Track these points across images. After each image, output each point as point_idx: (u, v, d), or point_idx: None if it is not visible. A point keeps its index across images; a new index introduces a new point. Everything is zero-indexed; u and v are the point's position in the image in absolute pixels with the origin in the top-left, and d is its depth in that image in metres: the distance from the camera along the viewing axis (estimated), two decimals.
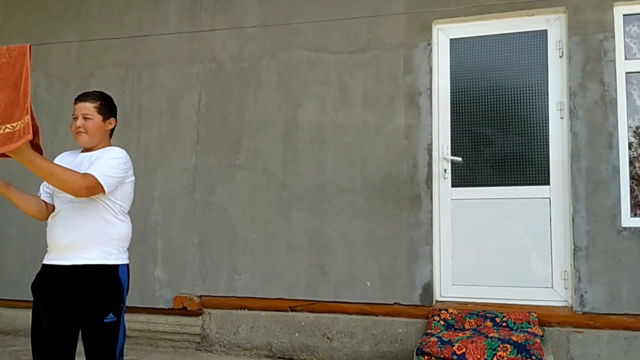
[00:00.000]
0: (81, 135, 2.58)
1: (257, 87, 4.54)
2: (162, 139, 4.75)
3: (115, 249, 2.52)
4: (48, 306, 2.43)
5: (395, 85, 4.23)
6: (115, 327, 2.47)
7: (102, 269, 2.46)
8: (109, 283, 2.48)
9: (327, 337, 4.17)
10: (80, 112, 2.59)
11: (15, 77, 2.19)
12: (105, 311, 2.44)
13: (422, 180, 4.11)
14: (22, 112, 2.08)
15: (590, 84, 3.81)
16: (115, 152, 2.62)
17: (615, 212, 3.72)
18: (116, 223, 2.56)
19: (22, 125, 2.05)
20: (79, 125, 2.57)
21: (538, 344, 3.37)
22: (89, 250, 2.45)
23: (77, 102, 2.62)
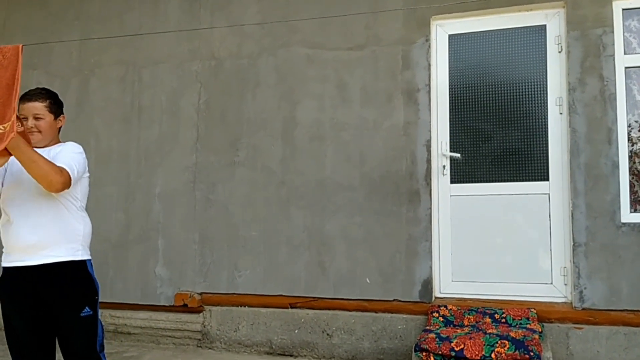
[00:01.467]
0: (34, 135, 2.50)
1: (256, 84, 4.54)
2: (162, 137, 4.77)
3: (80, 244, 2.53)
4: (20, 309, 2.43)
5: (393, 82, 4.22)
6: (92, 320, 2.50)
7: (71, 265, 2.47)
8: (81, 278, 2.51)
9: (326, 333, 4.19)
10: (30, 113, 2.51)
11: (8, 78, 2.21)
12: (81, 306, 2.46)
13: (421, 176, 4.10)
14: (12, 113, 2.10)
15: (589, 79, 3.79)
16: (76, 146, 2.60)
17: (614, 208, 3.70)
18: (79, 219, 2.55)
19: (9, 125, 2.07)
20: (32, 126, 2.51)
21: (536, 340, 3.36)
22: (56, 248, 2.44)
23: (25, 101, 2.52)
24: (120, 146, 4.87)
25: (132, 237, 4.77)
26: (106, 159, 4.90)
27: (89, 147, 4.94)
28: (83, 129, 4.98)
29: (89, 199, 4.77)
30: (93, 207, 4.85)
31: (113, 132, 4.91)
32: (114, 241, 4.81)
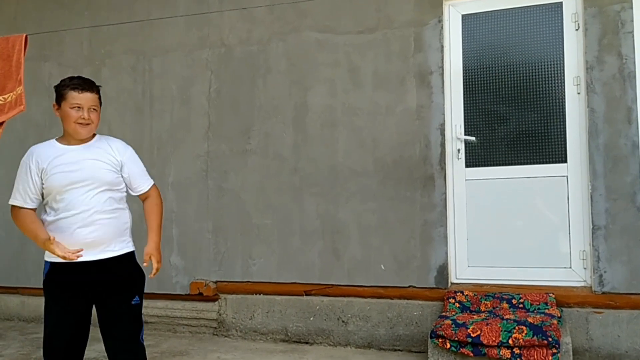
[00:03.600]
0: (88, 126, 2.49)
1: (267, 71, 4.49)
2: (174, 127, 4.75)
3: (128, 236, 2.63)
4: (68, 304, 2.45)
5: (405, 65, 4.14)
6: (140, 309, 2.58)
7: (124, 258, 2.55)
8: (133, 268, 2.60)
9: (342, 320, 4.16)
10: (87, 104, 2.47)
11: (9, 50, 2.19)
12: (132, 295, 2.54)
13: (435, 161, 4.03)
14: (15, 84, 2.08)
15: (607, 57, 3.68)
16: (128, 147, 2.71)
17: (635, 189, 3.60)
18: (126, 210, 2.63)
19: (13, 96, 2.05)
20: (87, 117, 2.47)
21: (555, 325, 3.30)
22: (112, 243, 2.51)
23: (81, 91, 2.46)
24: (133, 136, 4.85)
25: (146, 227, 4.76)
26: None
27: None
28: None
29: None
30: None
31: (125, 122, 4.90)
32: None
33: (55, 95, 2.51)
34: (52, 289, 2.47)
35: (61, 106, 2.47)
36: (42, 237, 2.38)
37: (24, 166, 2.49)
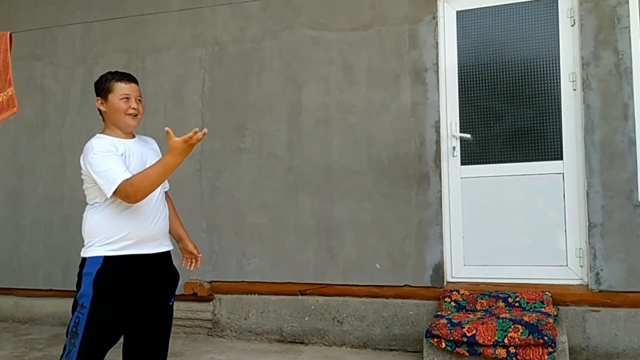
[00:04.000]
0: (137, 118, 2.47)
1: (261, 69, 4.46)
2: (168, 125, 4.63)
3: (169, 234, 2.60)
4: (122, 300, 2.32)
5: (400, 62, 4.10)
6: (173, 310, 2.55)
7: (169, 255, 2.54)
8: (173, 267, 2.56)
9: (337, 320, 4.13)
10: (134, 94, 2.45)
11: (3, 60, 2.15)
12: (171, 294, 2.52)
13: (430, 158, 4.00)
14: (4, 85, 2.04)
15: (603, 52, 3.64)
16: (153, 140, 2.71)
17: (632, 186, 3.56)
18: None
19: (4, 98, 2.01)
20: (135, 107, 2.44)
21: (551, 324, 3.27)
22: (165, 237, 2.51)
23: (128, 81, 2.45)
24: None
25: None
26: None
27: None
28: (89, 119, 4.92)
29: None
30: None
31: None
32: None
33: (97, 90, 2.47)
34: (106, 284, 2.29)
35: (108, 99, 2.41)
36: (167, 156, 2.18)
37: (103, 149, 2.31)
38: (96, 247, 2.32)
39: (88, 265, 2.31)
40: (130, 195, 2.22)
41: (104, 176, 2.25)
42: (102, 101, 2.45)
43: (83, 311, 2.25)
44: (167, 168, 2.21)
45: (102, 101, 2.45)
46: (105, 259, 2.31)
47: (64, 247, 4.95)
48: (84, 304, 2.26)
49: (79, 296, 2.28)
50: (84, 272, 2.30)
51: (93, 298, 2.25)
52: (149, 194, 2.27)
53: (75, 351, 2.23)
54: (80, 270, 2.34)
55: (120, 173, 2.23)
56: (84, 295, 2.27)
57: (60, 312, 4.91)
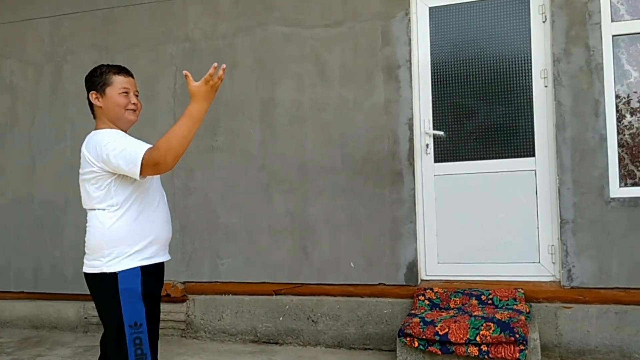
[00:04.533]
0: (136, 113, 2.34)
1: (233, 66, 4.39)
2: (139, 124, 4.47)
3: None
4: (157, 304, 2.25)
5: (373, 59, 4.06)
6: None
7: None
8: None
9: (312, 320, 4.09)
10: (133, 88, 2.32)
11: None
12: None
13: (404, 156, 3.97)
14: None
15: (574, 49, 3.63)
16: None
17: (603, 183, 3.57)
18: None
19: None
20: (136, 102, 2.31)
21: (522, 321, 3.26)
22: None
23: (126, 75, 2.31)
24: None
25: None
26: None
27: (65, 135, 4.83)
28: (58, 117, 4.85)
29: (67, 188, 4.70)
30: (71, 197, 4.76)
31: (89, 119, 4.65)
32: None
33: (91, 84, 2.29)
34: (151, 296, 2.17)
35: (106, 93, 2.25)
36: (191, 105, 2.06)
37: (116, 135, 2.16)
38: (125, 258, 2.13)
39: (124, 281, 2.10)
40: (160, 161, 2.00)
41: (124, 155, 2.05)
42: (97, 95, 2.27)
43: (142, 329, 2.10)
44: (193, 119, 2.04)
45: (98, 95, 2.27)
46: (142, 269, 2.14)
47: (34, 248, 4.86)
48: (137, 322, 2.09)
49: (130, 317, 2.08)
50: (121, 289, 2.09)
51: (146, 314, 2.12)
52: (180, 156, 2.04)
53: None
54: (109, 287, 2.10)
55: (141, 145, 2.07)
56: (136, 314, 2.09)
57: (31, 314, 4.83)
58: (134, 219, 2.17)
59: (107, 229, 2.14)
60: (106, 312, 2.16)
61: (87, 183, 2.20)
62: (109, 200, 2.17)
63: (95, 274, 2.15)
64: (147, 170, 2.05)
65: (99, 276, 2.14)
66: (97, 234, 2.16)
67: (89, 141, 2.22)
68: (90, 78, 2.31)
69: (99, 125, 2.31)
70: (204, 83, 2.01)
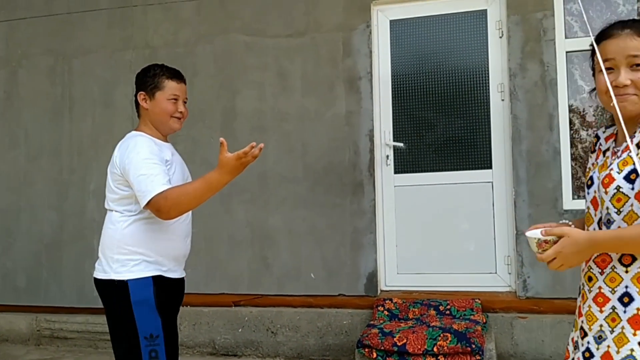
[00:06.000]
0: (181, 122, 2.27)
1: (193, 74, 4.33)
2: (96, 131, 4.52)
3: None
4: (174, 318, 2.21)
5: (334, 70, 4.08)
6: None
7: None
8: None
9: (271, 331, 4.05)
10: (183, 96, 2.25)
11: None
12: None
13: (365, 167, 3.98)
14: None
15: (530, 64, 3.72)
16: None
17: (556, 195, 3.65)
18: None
19: None
20: (183, 111, 2.25)
21: (479, 331, 3.30)
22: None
23: (179, 81, 2.24)
24: (52, 141, 4.61)
25: (66, 237, 4.54)
26: (37, 154, 4.63)
27: (18, 142, 4.69)
28: (12, 124, 4.71)
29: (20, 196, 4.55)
30: (24, 206, 4.62)
31: (43, 126, 4.64)
32: (47, 241, 4.56)
33: (141, 83, 2.22)
34: (166, 306, 2.11)
35: (155, 97, 2.19)
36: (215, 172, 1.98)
37: (147, 151, 2.05)
38: (135, 266, 2.05)
39: (136, 292, 2.02)
40: (163, 210, 1.96)
41: (141, 181, 1.98)
42: (146, 97, 2.21)
43: (158, 341, 2.02)
44: (210, 187, 2.00)
45: (146, 97, 2.20)
46: (154, 279, 2.06)
47: None
48: (153, 334, 2.01)
49: (145, 329, 2.01)
50: (134, 301, 2.01)
51: (163, 325, 2.04)
52: (182, 214, 2.04)
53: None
54: (121, 297, 2.02)
55: (159, 183, 1.97)
56: (151, 325, 2.02)
57: None
58: (150, 228, 2.09)
59: (120, 232, 2.08)
60: (119, 324, 2.07)
61: (112, 181, 2.13)
62: (129, 205, 2.10)
63: (105, 280, 2.07)
64: (150, 208, 2.00)
65: (108, 283, 2.06)
66: (109, 237, 2.10)
67: (125, 142, 2.15)
68: (142, 77, 2.24)
69: (140, 127, 2.24)
70: (236, 158, 1.96)
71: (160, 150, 2.13)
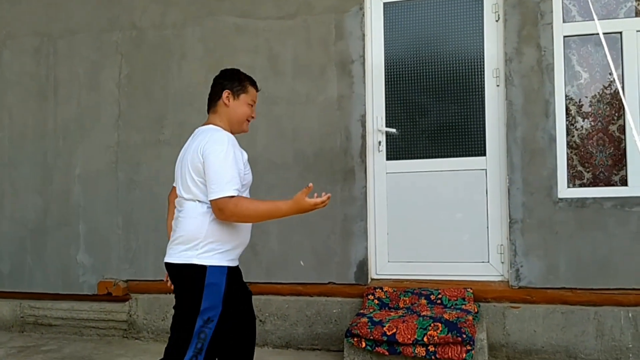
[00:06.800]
0: (248, 125, 2.54)
1: (182, 56, 4.23)
2: (82, 114, 4.41)
3: None
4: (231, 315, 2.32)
5: (326, 53, 3.97)
6: None
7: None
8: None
9: (259, 319, 3.97)
10: (255, 102, 2.54)
11: None
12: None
13: (356, 153, 3.89)
14: None
15: (526, 48, 3.63)
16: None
17: (551, 183, 3.57)
18: None
19: None
20: (254, 116, 2.54)
21: (470, 321, 3.23)
22: None
23: (257, 89, 2.54)
24: (36, 124, 4.50)
25: (50, 222, 4.44)
26: (21, 137, 4.53)
27: (2, 124, 4.59)
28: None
29: (3, 180, 4.44)
30: (8, 190, 4.51)
31: (28, 108, 4.52)
32: (31, 227, 4.46)
33: (229, 83, 2.46)
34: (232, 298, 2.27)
35: (239, 98, 2.44)
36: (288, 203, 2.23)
37: (231, 152, 2.25)
38: (215, 255, 2.24)
39: (212, 275, 2.21)
40: (226, 213, 2.17)
41: (219, 177, 2.18)
42: (230, 96, 2.43)
43: (210, 325, 2.19)
44: (277, 213, 2.28)
45: (231, 96, 2.43)
46: (228, 270, 2.25)
47: None
48: (210, 318, 2.19)
49: (205, 309, 2.18)
50: (207, 283, 2.19)
51: (222, 314, 2.21)
52: (241, 222, 2.28)
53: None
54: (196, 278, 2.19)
55: (233, 188, 2.19)
56: (212, 309, 2.19)
57: None
58: (228, 223, 2.27)
59: (208, 224, 2.24)
60: (186, 301, 2.27)
61: (194, 172, 2.27)
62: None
63: (184, 264, 2.23)
64: (215, 204, 2.19)
65: (187, 267, 2.23)
66: (196, 226, 2.25)
67: (208, 133, 2.33)
68: (230, 78, 2.48)
69: (216, 122, 2.43)
70: (313, 204, 2.22)
71: (241, 154, 2.35)
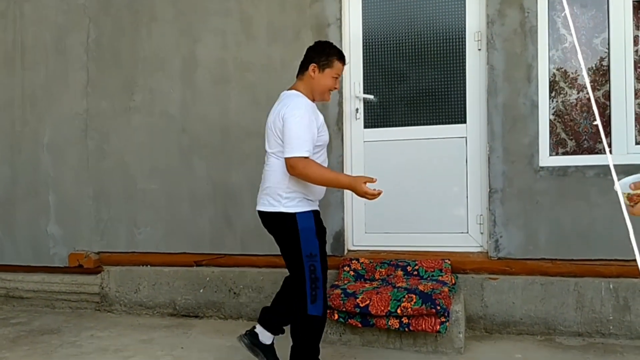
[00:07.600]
0: (330, 95, 2.76)
1: (151, 19, 4.05)
2: (49, 81, 4.24)
3: None
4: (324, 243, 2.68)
5: (301, 16, 3.80)
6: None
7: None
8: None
9: (233, 292, 3.88)
10: (341, 74, 2.73)
11: None
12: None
13: (332, 121, 3.74)
14: None
15: (509, 10, 3.46)
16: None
17: (532, 151, 3.44)
18: None
19: None
20: (337, 87, 2.73)
21: (445, 293, 3.13)
22: None
23: (344, 63, 2.70)
24: (3, 91, 4.34)
25: (19, 193, 4.31)
26: None
27: None
28: None
29: None
30: None
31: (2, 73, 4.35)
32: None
33: (315, 57, 2.64)
34: (321, 234, 2.62)
35: (324, 71, 2.63)
36: (348, 179, 2.64)
37: (307, 117, 2.51)
38: (301, 201, 2.58)
39: (302, 221, 2.56)
40: (297, 170, 2.47)
41: (293, 138, 2.46)
42: (316, 68, 2.62)
43: (316, 259, 2.56)
44: (336, 183, 2.65)
45: (316, 69, 2.63)
46: (313, 213, 2.61)
47: None
48: (312, 253, 2.55)
49: (306, 249, 2.55)
50: (301, 228, 2.55)
51: (319, 247, 2.58)
52: (305, 182, 2.54)
53: (320, 292, 2.57)
54: (290, 226, 2.55)
55: (306, 148, 2.46)
56: (312, 246, 2.56)
57: None
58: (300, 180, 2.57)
59: (289, 177, 2.55)
60: (288, 246, 2.62)
61: (276, 131, 2.55)
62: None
63: (274, 212, 2.59)
64: (289, 162, 2.48)
65: (277, 215, 2.59)
66: (277, 178, 2.58)
67: (288, 99, 2.60)
68: (318, 51, 2.66)
69: (299, 88, 2.67)
70: (363, 191, 2.52)
71: (316, 118, 2.59)
